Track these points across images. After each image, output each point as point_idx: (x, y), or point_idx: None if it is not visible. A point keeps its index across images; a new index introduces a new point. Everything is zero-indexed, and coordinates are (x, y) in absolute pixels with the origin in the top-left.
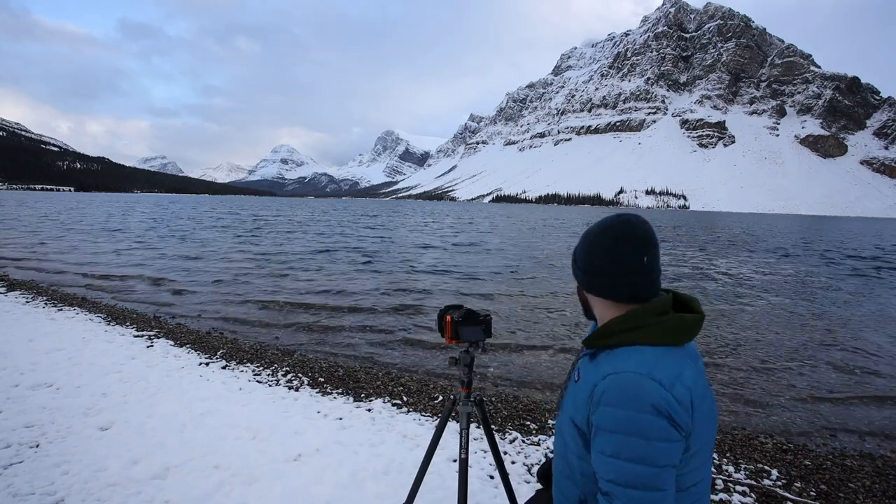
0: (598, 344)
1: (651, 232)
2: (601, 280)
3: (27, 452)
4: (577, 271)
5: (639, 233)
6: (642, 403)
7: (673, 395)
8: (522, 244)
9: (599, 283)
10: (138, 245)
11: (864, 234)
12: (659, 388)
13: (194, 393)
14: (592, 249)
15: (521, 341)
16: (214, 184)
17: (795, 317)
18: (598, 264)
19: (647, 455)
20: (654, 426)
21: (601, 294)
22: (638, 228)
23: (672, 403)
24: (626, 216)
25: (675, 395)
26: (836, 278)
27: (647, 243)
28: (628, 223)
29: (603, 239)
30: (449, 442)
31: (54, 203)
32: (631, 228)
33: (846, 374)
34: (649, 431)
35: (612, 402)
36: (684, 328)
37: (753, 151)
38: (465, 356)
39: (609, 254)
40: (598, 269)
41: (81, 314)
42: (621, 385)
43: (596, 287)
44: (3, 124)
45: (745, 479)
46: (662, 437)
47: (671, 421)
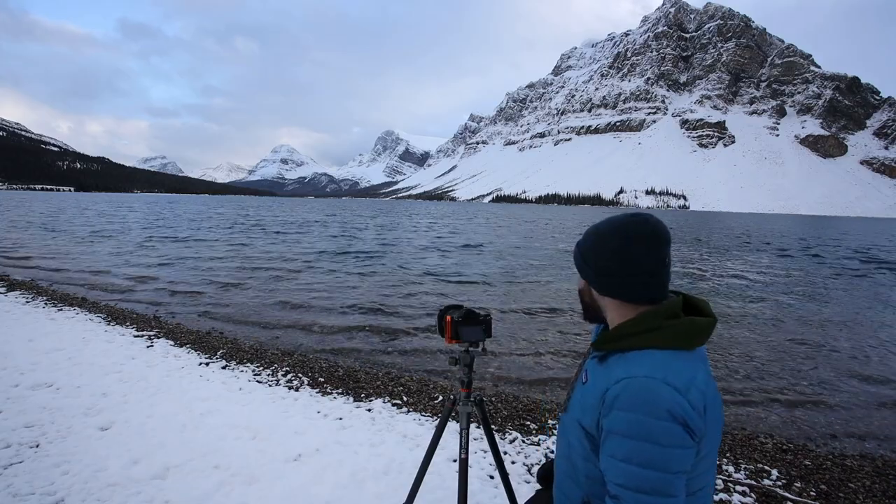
0: (608, 347)
1: (666, 231)
2: (613, 280)
3: (27, 452)
4: (587, 270)
5: (655, 231)
6: (658, 409)
7: (688, 400)
8: (523, 245)
9: (610, 283)
10: (139, 245)
11: (864, 234)
12: (674, 393)
13: (194, 393)
14: (604, 248)
15: (521, 341)
16: (214, 184)
17: (796, 317)
18: (611, 263)
19: (661, 461)
20: (669, 432)
21: (613, 294)
22: (653, 227)
23: (687, 409)
24: (641, 215)
25: (690, 400)
26: (836, 278)
27: (662, 242)
28: (645, 222)
29: (616, 237)
30: (449, 442)
31: (55, 203)
32: (646, 227)
33: (846, 374)
34: (663, 438)
35: (626, 407)
36: (697, 332)
37: (753, 151)
38: (466, 356)
39: (622, 253)
40: (610, 268)
41: (81, 314)
42: (636, 390)
43: (607, 287)
44: (4, 124)
45: (745, 479)
46: (676, 444)
47: (686, 427)
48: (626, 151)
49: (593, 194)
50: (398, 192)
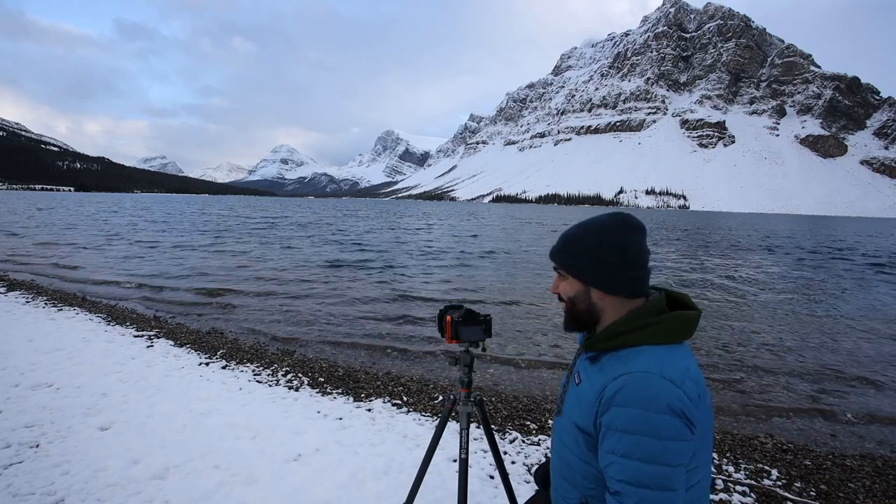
0: (601, 347)
1: (643, 226)
2: (620, 277)
3: (27, 452)
4: (592, 272)
5: (638, 226)
6: (658, 404)
7: (684, 391)
8: (523, 245)
9: (618, 280)
10: (139, 245)
11: (864, 233)
12: (672, 387)
13: (194, 393)
14: (595, 246)
15: (521, 341)
16: (214, 184)
17: (796, 316)
18: (618, 260)
19: (661, 455)
20: (669, 426)
21: (619, 292)
22: (636, 222)
23: (685, 401)
24: (620, 212)
25: (686, 391)
26: (836, 278)
27: (643, 236)
28: (628, 217)
29: (609, 233)
30: (449, 442)
31: (56, 202)
32: (635, 222)
33: (846, 374)
34: (664, 431)
35: (626, 403)
36: (687, 325)
37: (753, 151)
38: (465, 356)
39: (626, 248)
40: (616, 265)
41: (81, 314)
42: (635, 386)
43: (616, 285)
44: (3, 124)
45: (745, 479)
46: (676, 437)
47: (685, 419)
48: (626, 151)
49: (593, 194)
50: (398, 192)
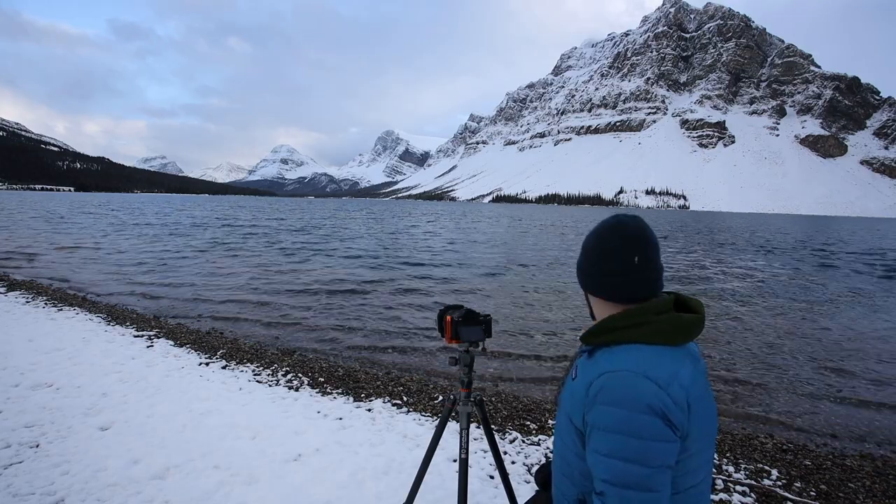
0: (595, 341)
1: (645, 231)
2: (593, 279)
3: (27, 452)
4: (577, 270)
5: (630, 232)
6: (638, 403)
7: (669, 394)
8: (523, 245)
9: (593, 282)
10: (139, 245)
11: (864, 234)
12: (654, 387)
13: (194, 393)
14: (587, 249)
15: (521, 341)
16: (215, 184)
17: (796, 317)
18: (592, 263)
19: (642, 455)
20: (649, 426)
21: (595, 292)
22: (630, 228)
23: (668, 403)
24: (620, 216)
25: (671, 394)
26: (837, 279)
27: (638, 242)
28: (620, 223)
29: (595, 238)
30: (449, 442)
31: (57, 203)
32: (622, 228)
33: (846, 374)
34: (644, 431)
35: (608, 401)
36: (682, 328)
37: (753, 151)
38: (465, 356)
39: (600, 253)
40: (591, 267)
41: (81, 314)
42: (617, 384)
43: (590, 286)
44: (3, 124)
45: (745, 479)
46: (657, 437)
47: (666, 421)
48: (626, 151)
49: (593, 194)
50: (398, 192)
